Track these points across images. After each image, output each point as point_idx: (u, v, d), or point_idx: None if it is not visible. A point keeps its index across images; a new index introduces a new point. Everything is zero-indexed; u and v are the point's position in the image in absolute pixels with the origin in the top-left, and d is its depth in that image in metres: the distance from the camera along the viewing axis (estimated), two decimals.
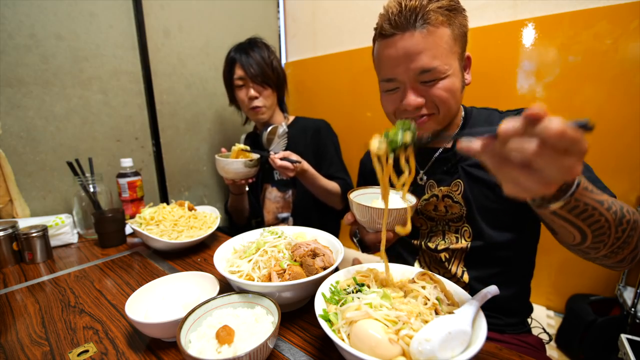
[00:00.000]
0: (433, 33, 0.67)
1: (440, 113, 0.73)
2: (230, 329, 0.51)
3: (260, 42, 1.31)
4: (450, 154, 0.80)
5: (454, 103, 0.73)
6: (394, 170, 0.56)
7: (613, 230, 0.51)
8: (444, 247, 0.79)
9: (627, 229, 0.52)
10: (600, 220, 0.49)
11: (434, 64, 0.67)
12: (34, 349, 0.57)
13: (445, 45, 0.68)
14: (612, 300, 1.21)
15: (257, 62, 1.24)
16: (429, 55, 0.67)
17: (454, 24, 0.69)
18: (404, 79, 0.71)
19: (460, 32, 0.71)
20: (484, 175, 0.74)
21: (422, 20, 0.66)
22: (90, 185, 1.11)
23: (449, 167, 0.79)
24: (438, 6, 0.66)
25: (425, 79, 0.70)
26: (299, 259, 0.65)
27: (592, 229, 0.50)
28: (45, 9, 1.13)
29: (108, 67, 1.30)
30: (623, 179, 1.13)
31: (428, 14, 0.66)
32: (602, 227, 0.50)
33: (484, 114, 0.82)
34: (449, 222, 0.80)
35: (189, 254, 0.98)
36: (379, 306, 0.47)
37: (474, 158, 0.75)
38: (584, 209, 0.47)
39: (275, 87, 1.31)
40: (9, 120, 1.09)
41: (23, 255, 0.94)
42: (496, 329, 0.77)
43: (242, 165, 1.12)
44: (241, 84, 1.27)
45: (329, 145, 1.36)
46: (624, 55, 1.07)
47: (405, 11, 0.66)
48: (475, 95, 1.38)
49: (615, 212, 0.50)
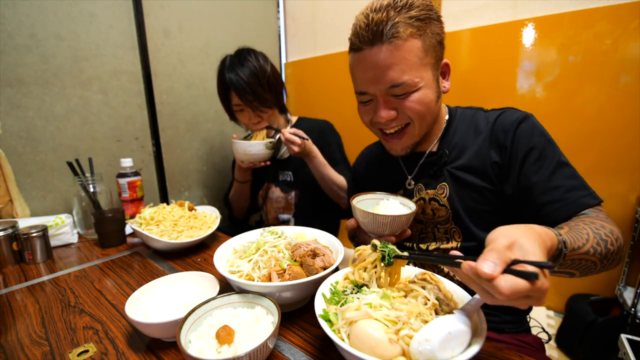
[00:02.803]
0: (401, 47, 0.65)
1: (415, 125, 0.73)
2: (230, 329, 0.51)
3: (250, 56, 1.23)
4: (436, 157, 0.80)
5: (429, 114, 0.73)
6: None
7: (599, 265, 0.57)
8: (435, 247, 0.80)
9: (612, 258, 0.58)
10: (587, 264, 0.56)
11: (403, 78, 0.67)
12: (34, 349, 0.57)
13: (415, 58, 0.66)
14: (612, 300, 1.21)
15: (251, 88, 1.19)
16: (398, 70, 0.66)
17: (425, 35, 0.67)
18: (375, 93, 0.71)
19: (434, 42, 0.69)
20: (468, 178, 0.74)
21: (389, 34, 0.64)
22: (90, 185, 1.11)
23: (435, 171, 0.79)
24: (407, 17, 0.64)
25: (396, 93, 0.69)
26: (299, 259, 0.65)
27: (580, 270, 0.57)
28: (45, 9, 1.13)
29: (108, 67, 1.30)
30: (623, 179, 1.13)
31: (396, 26, 0.64)
32: (589, 267, 0.57)
33: (469, 114, 0.81)
34: (437, 224, 0.80)
35: (189, 254, 0.98)
36: (379, 306, 0.47)
37: (459, 161, 0.76)
38: (571, 263, 0.54)
39: (275, 103, 1.28)
40: (9, 120, 1.09)
41: (23, 255, 0.94)
42: (494, 327, 0.77)
43: (264, 147, 1.18)
44: (240, 109, 1.26)
45: (333, 145, 1.36)
46: (624, 55, 1.07)
47: (371, 25, 0.65)
48: (476, 95, 1.38)
49: (600, 253, 0.55)
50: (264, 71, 1.22)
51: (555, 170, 0.67)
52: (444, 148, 0.79)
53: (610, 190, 1.15)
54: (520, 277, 0.36)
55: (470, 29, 1.34)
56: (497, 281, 0.36)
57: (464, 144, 0.77)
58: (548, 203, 0.65)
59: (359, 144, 1.12)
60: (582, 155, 1.16)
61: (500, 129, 0.73)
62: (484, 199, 0.73)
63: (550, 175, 0.67)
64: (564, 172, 0.67)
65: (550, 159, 0.68)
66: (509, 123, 0.72)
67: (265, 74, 1.22)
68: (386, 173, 0.91)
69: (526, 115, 0.73)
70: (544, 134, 0.70)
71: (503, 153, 0.72)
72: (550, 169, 0.67)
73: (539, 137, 0.69)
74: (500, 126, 0.73)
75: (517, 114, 0.74)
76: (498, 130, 0.73)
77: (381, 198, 0.80)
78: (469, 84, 1.36)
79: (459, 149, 0.77)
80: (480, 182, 0.73)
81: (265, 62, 1.24)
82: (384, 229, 0.70)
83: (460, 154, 0.77)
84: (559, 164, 0.67)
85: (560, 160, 0.68)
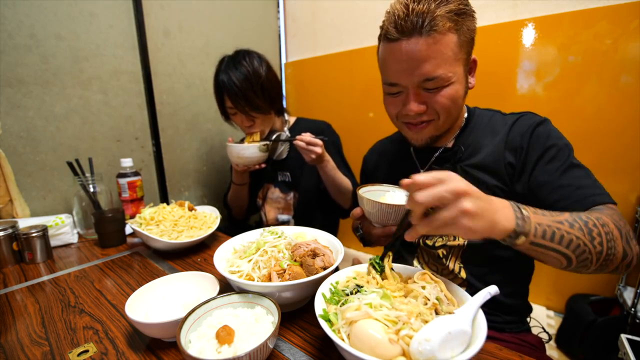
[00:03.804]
0: (439, 40, 0.64)
1: (441, 119, 0.73)
2: (230, 329, 0.51)
3: (245, 59, 1.19)
4: (450, 153, 0.80)
5: (455, 110, 0.73)
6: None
7: (590, 248, 0.54)
8: (441, 243, 0.80)
9: (603, 242, 0.55)
10: (572, 239, 0.53)
11: (437, 72, 0.66)
12: (34, 349, 0.57)
13: (450, 52, 0.66)
14: (612, 300, 1.21)
15: (243, 93, 1.16)
16: (434, 64, 0.66)
17: (461, 30, 0.66)
18: (407, 85, 0.70)
19: (467, 37, 0.69)
20: (481, 176, 0.75)
21: (429, 27, 0.63)
22: (90, 185, 1.11)
23: (448, 167, 0.79)
24: (447, 10, 0.63)
25: (428, 87, 0.69)
26: (299, 259, 0.65)
27: (573, 250, 0.54)
28: (45, 9, 1.13)
29: (108, 67, 1.30)
30: (623, 179, 1.13)
31: (435, 19, 0.63)
32: (579, 246, 0.54)
33: (487, 116, 0.82)
34: None
35: (189, 254, 0.98)
36: (379, 306, 0.47)
37: (472, 159, 0.76)
38: (552, 233, 0.52)
39: (269, 108, 1.24)
40: (9, 120, 1.09)
41: (23, 255, 0.94)
42: (495, 327, 0.77)
43: (257, 150, 1.17)
44: (234, 112, 1.24)
45: (333, 147, 1.34)
46: (624, 55, 1.07)
47: (412, 16, 0.64)
48: (476, 95, 1.37)
49: (580, 229, 0.54)
50: (258, 76, 1.18)
51: (566, 170, 0.67)
52: (459, 145, 0.79)
53: (610, 190, 1.14)
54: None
55: None
56: (414, 176, 0.48)
57: (480, 143, 0.77)
58: (557, 201, 0.65)
59: (358, 144, 1.12)
60: (581, 155, 1.14)
61: (518, 132, 0.74)
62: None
63: (561, 175, 0.67)
64: (574, 173, 0.67)
65: (564, 160, 0.68)
66: (526, 126, 0.73)
67: (259, 78, 1.18)
68: (398, 167, 0.91)
69: (544, 119, 0.74)
70: (560, 137, 0.71)
71: (518, 154, 0.72)
72: (562, 169, 0.67)
73: (555, 139, 0.70)
74: (518, 129, 0.74)
75: (535, 118, 0.74)
76: (515, 132, 0.74)
77: (387, 190, 0.80)
78: None
79: (474, 148, 0.78)
80: (492, 181, 0.73)
81: (260, 66, 1.21)
82: (389, 218, 0.69)
83: (474, 152, 0.77)
84: (571, 165, 0.68)
85: (573, 163, 0.68)
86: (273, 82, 1.25)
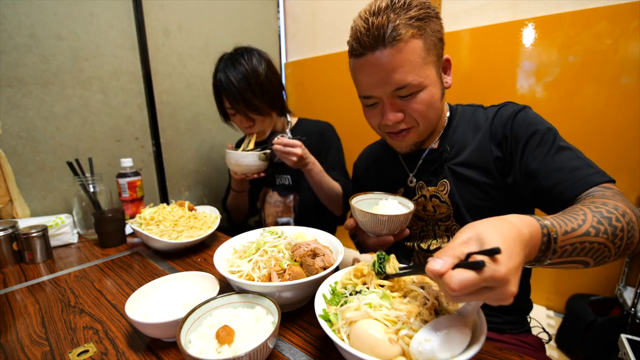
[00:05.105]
0: (403, 48, 0.64)
1: (420, 126, 0.74)
2: (230, 329, 0.51)
3: (244, 57, 1.15)
4: (436, 154, 0.80)
5: (433, 113, 0.73)
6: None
7: (613, 248, 0.51)
8: (436, 246, 0.80)
9: (625, 237, 0.52)
10: (594, 247, 0.50)
11: (408, 79, 0.66)
12: (34, 349, 0.57)
13: (418, 58, 0.66)
14: (612, 300, 1.21)
15: (241, 93, 1.12)
16: (402, 72, 0.66)
17: (425, 34, 0.66)
18: (381, 96, 0.71)
19: (434, 39, 0.68)
20: (469, 173, 0.74)
21: (391, 37, 0.63)
22: (90, 185, 1.11)
23: (436, 168, 0.79)
24: (407, 18, 0.64)
25: (402, 94, 0.69)
26: (299, 259, 0.65)
27: (592, 256, 0.51)
28: (45, 9, 1.13)
29: (108, 67, 1.30)
30: (623, 179, 1.13)
31: (397, 29, 0.63)
32: (600, 251, 0.51)
33: (469, 112, 0.82)
34: (438, 221, 0.80)
35: (189, 254, 0.98)
36: (379, 306, 0.47)
37: (459, 157, 0.75)
38: (573, 249, 0.49)
39: (269, 109, 1.20)
40: (9, 120, 1.09)
41: (23, 255, 0.94)
42: (495, 328, 0.77)
43: (256, 158, 1.12)
44: (233, 112, 1.21)
45: (332, 149, 1.32)
46: (624, 55, 1.07)
47: (372, 29, 0.64)
48: (476, 95, 1.38)
49: (605, 232, 0.50)
50: (256, 75, 1.13)
51: (555, 154, 0.66)
52: (445, 145, 0.79)
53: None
54: (467, 268, 0.36)
55: (470, 28, 1.34)
56: (445, 276, 0.36)
57: (465, 141, 0.77)
58: (553, 186, 0.64)
59: (359, 144, 1.12)
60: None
61: (499, 123, 0.73)
62: (484, 195, 0.73)
63: (552, 159, 0.65)
64: (564, 155, 0.65)
65: (550, 144, 0.67)
66: (506, 116, 0.73)
67: (258, 78, 1.13)
68: (388, 171, 0.91)
69: (523, 106, 0.74)
70: (542, 122, 0.70)
71: (504, 145, 0.72)
72: (552, 154, 0.66)
73: (537, 124, 0.69)
74: (498, 120, 0.74)
75: (514, 106, 0.74)
76: (497, 124, 0.74)
77: (380, 198, 0.80)
78: (469, 84, 1.36)
79: (459, 146, 0.78)
80: (480, 178, 0.73)
81: (259, 64, 1.15)
82: (382, 228, 0.70)
83: (460, 151, 0.77)
84: (559, 148, 0.66)
85: (561, 145, 0.67)
86: (273, 81, 1.20)
